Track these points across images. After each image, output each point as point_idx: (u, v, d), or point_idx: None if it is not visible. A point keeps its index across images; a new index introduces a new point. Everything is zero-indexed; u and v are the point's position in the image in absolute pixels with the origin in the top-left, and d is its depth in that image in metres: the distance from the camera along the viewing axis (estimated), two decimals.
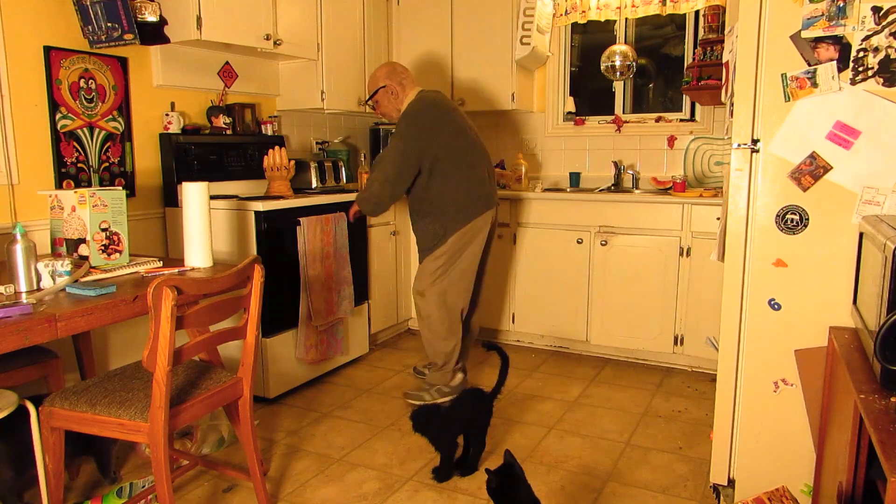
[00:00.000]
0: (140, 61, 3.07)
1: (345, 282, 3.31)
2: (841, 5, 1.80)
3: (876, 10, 1.77)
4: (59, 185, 2.76)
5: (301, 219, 3.11)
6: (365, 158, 4.32)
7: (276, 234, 3.07)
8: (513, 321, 3.97)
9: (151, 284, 1.66)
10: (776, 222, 1.95)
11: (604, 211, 3.62)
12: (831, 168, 1.87)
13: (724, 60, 2.34)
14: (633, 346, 3.67)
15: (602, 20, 4.05)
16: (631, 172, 4.07)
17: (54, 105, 2.73)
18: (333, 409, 3.08)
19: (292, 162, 3.39)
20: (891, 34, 1.77)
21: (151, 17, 2.85)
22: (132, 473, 2.44)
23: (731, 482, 2.14)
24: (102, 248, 2.27)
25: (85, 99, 2.84)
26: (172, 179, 3.14)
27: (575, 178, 4.19)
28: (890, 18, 1.77)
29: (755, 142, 1.95)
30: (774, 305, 1.99)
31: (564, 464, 2.54)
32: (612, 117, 4.19)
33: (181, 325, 1.77)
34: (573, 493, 2.34)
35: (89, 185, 2.88)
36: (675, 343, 3.52)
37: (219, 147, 3.35)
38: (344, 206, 3.52)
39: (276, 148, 3.35)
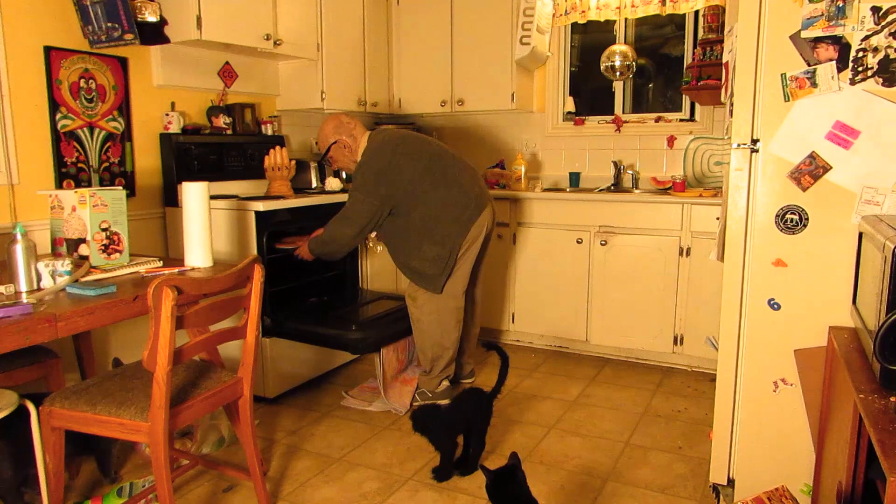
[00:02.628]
0: (140, 61, 3.07)
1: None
2: (840, 5, 1.80)
3: (875, 10, 1.78)
4: (59, 185, 2.76)
5: (382, 349, 3.03)
6: None
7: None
8: (512, 321, 3.97)
9: (151, 284, 1.66)
10: (776, 222, 1.95)
11: (603, 211, 3.62)
12: (831, 168, 1.87)
13: (723, 60, 2.34)
14: (632, 345, 3.67)
15: (602, 20, 4.05)
16: (631, 172, 4.07)
17: (54, 105, 2.73)
18: (333, 409, 3.08)
19: (293, 162, 3.39)
20: (890, 34, 1.77)
21: (151, 17, 2.85)
22: (132, 473, 2.45)
23: (731, 482, 2.14)
24: (102, 247, 2.27)
25: (85, 99, 2.84)
26: (172, 179, 3.14)
27: (575, 178, 4.19)
28: (889, 18, 1.77)
29: (755, 142, 1.95)
30: (774, 305, 1.99)
31: (564, 463, 2.54)
32: (612, 117, 4.20)
33: (181, 325, 1.77)
34: (573, 492, 2.34)
35: (89, 185, 2.88)
36: (675, 343, 3.53)
37: (219, 147, 3.35)
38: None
39: (277, 148, 3.35)
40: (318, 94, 3.74)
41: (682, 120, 4.04)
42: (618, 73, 4.03)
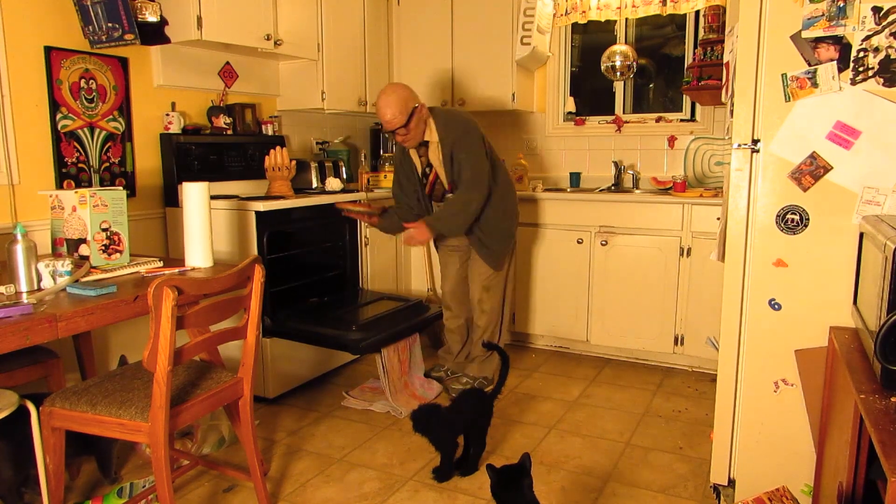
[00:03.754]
0: (140, 61, 3.07)
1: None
2: (841, 5, 1.80)
3: (876, 10, 1.77)
4: (59, 186, 2.76)
5: (383, 349, 3.00)
6: (365, 158, 4.32)
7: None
8: (513, 321, 3.96)
9: (152, 284, 1.66)
10: (776, 222, 1.95)
11: (604, 211, 3.62)
12: (831, 168, 1.87)
13: (724, 60, 2.34)
14: (633, 346, 3.67)
15: (602, 20, 4.05)
16: (631, 172, 4.07)
17: (55, 105, 2.73)
18: (333, 409, 3.08)
19: (293, 162, 3.39)
20: (891, 34, 1.77)
21: (152, 18, 2.85)
22: (132, 473, 2.45)
23: (732, 482, 2.14)
24: (103, 248, 2.27)
25: (85, 99, 2.84)
26: (173, 179, 3.14)
27: (575, 178, 4.19)
28: (890, 18, 1.77)
29: (755, 142, 1.95)
30: (774, 305, 1.99)
31: (565, 464, 2.54)
32: (613, 117, 4.20)
33: (181, 325, 1.77)
34: (573, 493, 2.34)
35: (90, 186, 2.88)
36: (676, 343, 3.52)
37: (219, 147, 3.35)
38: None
39: (278, 148, 3.35)
40: (319, 94, 3.74)
41: (682, 120, 4.04)
42: (618, 73, 4.03)
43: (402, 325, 3.13)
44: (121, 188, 2.72)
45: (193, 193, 2.36)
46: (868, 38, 1.79)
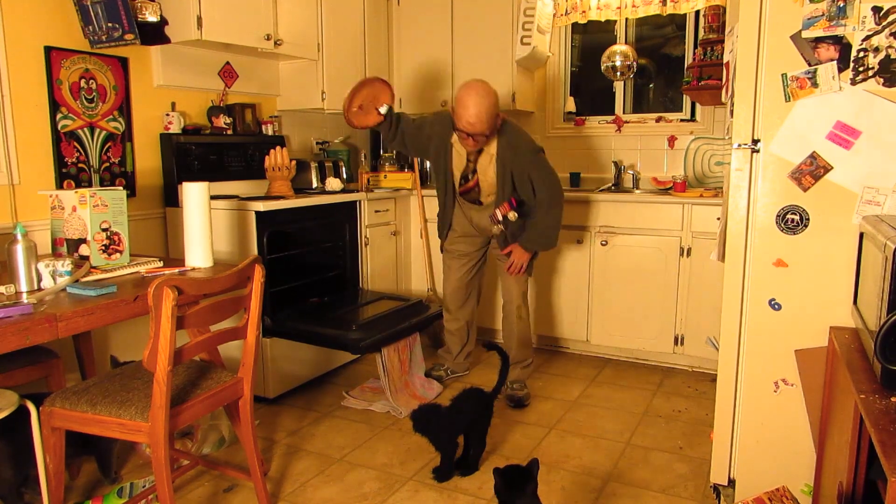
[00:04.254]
0: (140, 61, 3.07)
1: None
2: (841, 5, 1.80)
3: (876, 10, 1.77)
4: (59, 185, 2.76)
5: (383, 349, 3.00)
6: (365, 158, 4.32)
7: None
8: None
9: (152, 284, 1.66)
10: (776, 222, 1.95)
11: (604, 211, 3.62)
12: (831, 168, 1.87)
13: (724, 60, 2.34)
14: (633, 346, 3.67)
15: (602, 20, 4.05)
16: (631, 172, 4.07)
17: (55, 105, 2.73)
18: (333, 409, 3.08)
19: (293, 162, 3.39)
20: (891, 34, 1.77)
21: (152, 17, 2.85)
22: (133, 473, 2.45)
23: (732, 482, 2.14)
24: (103, 248, 2.27)
25: (85, 99, 2.84)
26: (173, 179, 3.14)
27: (575, 178, 4.19)
28: (890, 18, 1.77)
29: (755, 142, 1.95)
30: (774, 305, 1.99)
31: (565, 464, 2.54)
32: (613, 117, 4.20)
33: (181, 325, 1.77)
34: (573, 492, 2.34)
35: (90, 186, 2.88)
36: (676, 343, 3.52)
37: (219, 147, 3.35)
38: (346, 207, 3.52)
39: (278, 148, 3.35)
40: (319, 94, 3.74)
41: (682, 120, 4.04)
42: (618, 73, 4.03)
43: (403, 325, 3.13)
44: (121, 188, 2.72)
45: (193, 193, 2.37)
46: (868, 38, 1.79)
